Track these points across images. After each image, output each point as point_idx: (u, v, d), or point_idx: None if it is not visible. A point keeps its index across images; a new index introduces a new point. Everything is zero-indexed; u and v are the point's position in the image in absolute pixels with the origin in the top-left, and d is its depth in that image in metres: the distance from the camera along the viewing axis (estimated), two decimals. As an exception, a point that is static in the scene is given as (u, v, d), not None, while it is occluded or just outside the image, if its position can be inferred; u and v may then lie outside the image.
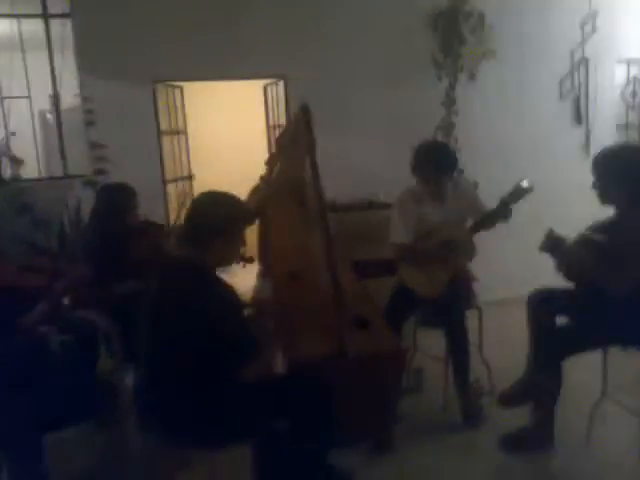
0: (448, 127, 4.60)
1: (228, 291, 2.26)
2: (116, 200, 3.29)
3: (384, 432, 2.81)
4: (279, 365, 2.60)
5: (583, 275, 2.52)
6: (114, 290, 3.10)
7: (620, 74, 5.27)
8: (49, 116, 5.63)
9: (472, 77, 4.63)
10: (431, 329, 3.34)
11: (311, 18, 4.39)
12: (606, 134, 4.97)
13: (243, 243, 2.41)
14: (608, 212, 2.60)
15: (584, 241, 2.52)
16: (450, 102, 4.59)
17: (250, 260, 2.82)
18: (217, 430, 2.19)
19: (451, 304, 3.00)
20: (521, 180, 2.92)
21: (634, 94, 5.36)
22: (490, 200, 3.05)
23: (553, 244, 2.49)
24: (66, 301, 2.99)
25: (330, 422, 2.41)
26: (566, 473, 2.63)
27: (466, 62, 4.56)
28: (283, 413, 2.40)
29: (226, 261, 2.38)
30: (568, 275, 2.62)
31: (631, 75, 5.33)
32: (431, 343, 3.36)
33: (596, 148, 2.97)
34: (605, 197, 2.56)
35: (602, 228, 2.56)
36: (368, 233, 3.98)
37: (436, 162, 3.10)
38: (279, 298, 2.86)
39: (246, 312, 2.54)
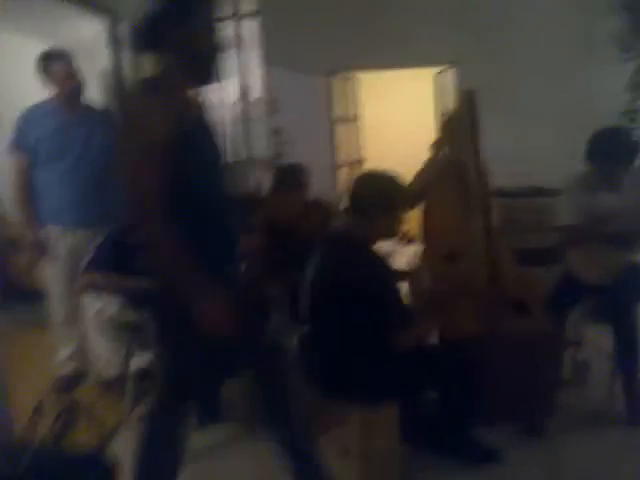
0: (633, 112, 4.30)
1: (383, 263, 2.43)
2: (285, 181, 3.58)
3: (538, 415, 2.79)
4: (432, 339, 2.72)
5: None
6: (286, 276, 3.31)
7: None
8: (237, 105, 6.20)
9: (664, 58, 4.28)
10: (600, 323, 3.23)
11: (482, 4, 4.37)
12: None
13: (400, 220, 2.56)
14: None
15: None
16: (636, 86, 4.29)
17: (411, 239, 2.94)
18: (370, 389, 2.38)
19: (620, 295, 2.87)
20: None
21: None
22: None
23: None
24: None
25: (478, 398, 2.49)
26: None
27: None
28: (434, 383, 2.53)
29: (384, 236, 2.56)
30: None
31: None
32: (601, 336, 3.22)
33: None
34: None
35: None
36: (535, 220, 3.92)
37: (611, 149, 2.97)
38: (437, 278, 2.97)
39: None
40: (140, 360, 3.02)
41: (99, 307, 3.41)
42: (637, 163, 3.22)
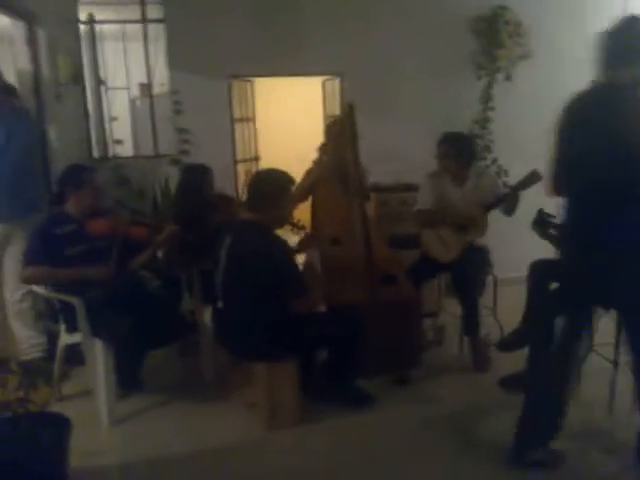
0: (484, 121, 5.16)
1: (284, 244, 2.98)
2: (194, 179, 3.92)
3: (405, 368, 3.48)
4: (322, 306, 3.32)
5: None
6: (197, 259, 3.66)
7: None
8: (138, 103, 6.46)
9: (508, 77, 5.14)
10: (452, 294, 3.97)
11: (364, 22, 4.98)
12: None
13: (290, 211, 3.14)
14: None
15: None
16: (487, 99, 5.14)
17: (302, 227, 3.49)
18: (273, 348, 2.94)
19: (464, 269, 3.61)
20: (531, 170, 3.50)
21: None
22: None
23: (541, 222, 3.07)
24: (159, 254, 3.77)
25: (358, 353, 3.12)
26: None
27: (503, 64, 5.09)
28: (324, 342, 3.13)
29: (278, 223, 3.11)
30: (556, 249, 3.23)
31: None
32: (455, 307, 3.97)
33: None
34: None
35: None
36: (405, 211, 4.62)
37: (453, 149, 3.68)
38: (324, 257, 3.56)
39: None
40: (65, 339, 3.28)
41: (19, 295, 3.68)
42: (477, 163, 3.97)
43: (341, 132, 3.75)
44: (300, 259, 3.37)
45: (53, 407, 2.61)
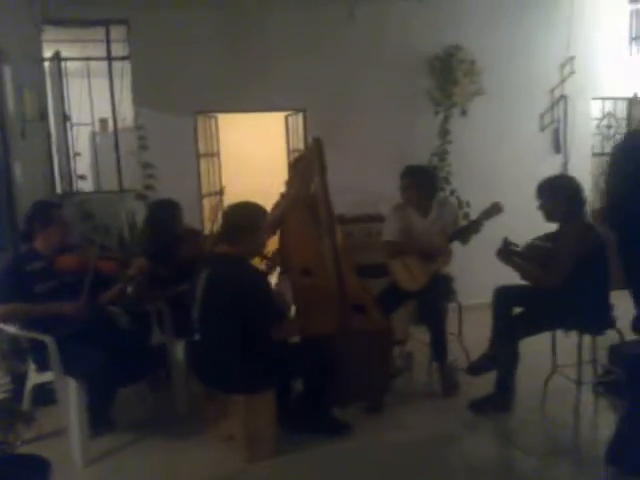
0: (442, 154, 5.37)
1: (260, 274, 3.04)
2: (164, 214, 3.93)
3: (377, 395, 3.54)
4: (296, 337, 3.36)
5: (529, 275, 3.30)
6: (166, 291, 3.68)
7: (596, 110, 6.02)
8: (98, 138, 6.46)
9: (464, 113, 5.40)
10: (420, 322, 4.09)
11: (326, 60, 5.16)
12: (582, 162, 5.73)
13: (264, 239, 3.20)
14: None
15: (531, 246, 3.29)
16: (444, 133, 5.37)
17: (269, 257, 3.54)
18: (251, 379, 2.96)
19: (431, 298, 3.73)
20: (493, 202, 3.67)
21: (609, 127, 6.11)
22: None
23: (504, 249, 3.24)
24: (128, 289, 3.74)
25: (333, 382, 3.16)
26: (521, 431, 3.30)
27: (459, 99, 5.34)
28: (298, 372, 3.17)
29: (252, 254, 3.17)
30: (521, 275, 3.39)
31: (606, 110, 6.09)
32: (422, 334, 4.07)
33: (573, 174, 3.71)
34: (549, 215, 3.32)
35: (547, 238, 3.31)
36: (370, 242, 4.73)
37: (415, 182, 3.83)
38: (295, 288, 3.62)
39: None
40: (35, 378, 3.22)
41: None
42: (440, 194, 4.13)
43: (308, 166, 3.86)
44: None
45: (23, 449, 2.56)
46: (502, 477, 2.91)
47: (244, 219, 3.07)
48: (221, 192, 5.79)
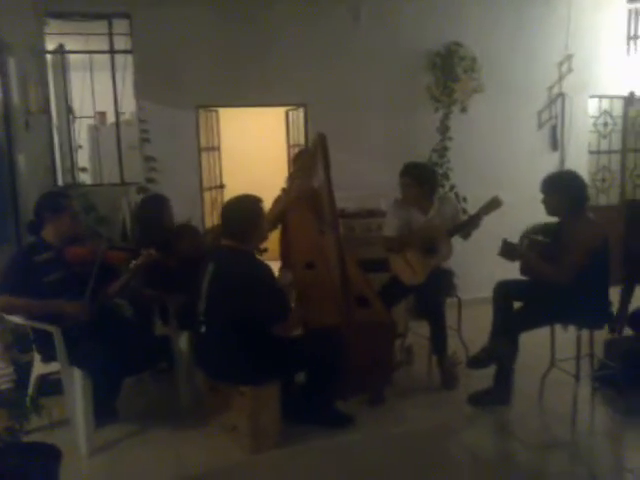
0: (442, 150, 5.41)
1: (267, 269, 3.06)
2: (151, 209, 3.96)
3: (379, 388, 3.58)
4: (300, 330, 3.39)
5: (531, 269, 3.35)
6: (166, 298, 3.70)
7: (592, 108, 6.08)
8: (96, 131, 6.45)
9: (464, 109, 5.45)
10: (419, 317, 4.13)
11: (327, 55, 5.19)
12: (579, 159, 5.79)
13: (265, 235, 3.23)
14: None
15: (532, 243, 3.34)
16: (444, 129, 5.41)
17: (265, 250, 3.54)
18: (257, 371, 2.99)
19: (431, 292, 3.77)
20: (492, 196, 3.72)
21: (605, 125, 6.18)
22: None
23: (507, 249, 3.29)
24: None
25: (337, 375, 3.20)
26: (519, 423, 3.36)
27: (459, 96, 5.38)
28: (303, 365, 3.20)
29: (259, 244, 3.20)
30: (521, 271, 3.45)
31: (602, 108, 6.15)
32: (421, 328, 4.13)
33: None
34: (552, 210, 3.36)
35: (546, 232, 3.36)
36: (370, 236, 4.78)
37: (415, 178, 3.87)
38: (298, 282, 3.66)
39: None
40: (40, 369, 3.24)
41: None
42: (439, 190, 4.17)
43: (311, 161, 3.89)
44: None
45: (28, 438, 2.58)
46: (501, 469, 2.96)
47: (243, 214, 3.09)
48: (221, 186, 5.83)
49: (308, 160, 3.96)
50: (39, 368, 3.24)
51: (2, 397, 3.20)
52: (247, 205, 3.13)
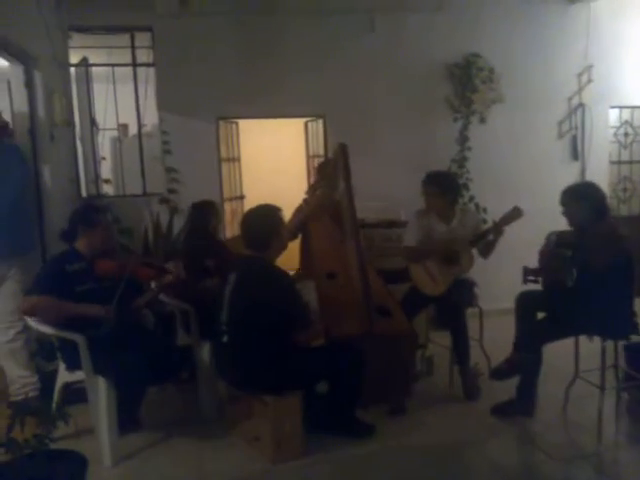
0: (461, 160, 5.42)
1: (288, 279, 3.09)
2: (205, 214, 4.03)
3: (399, 398, 3.57)
4: (321, 339, 3.39)
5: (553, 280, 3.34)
6: (201, 285, 3.75)
7: (613, 118, 6.05)
8: (118, 143, 6.55)
9: (482, 120, 5.46)
10: (441, 329, 4.11)
11: (346, 66, 5.23)
12: (600, 169, 5.76)
13: (285, 245, 3.25)
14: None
15: (555, 256, 3.33)
16: (463, 140, 5.42)
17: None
18: (279, 381, 3.00)
19: (453, 302, 3.76)
20: (513, 206, 3.71)
21: (626, 135, 6.14)
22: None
23: (529, 276, 3.30)
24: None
25: (359, 385, 3.19)
26: (543, 435, 3.31)
27: (478, 107, 5.39)
28: (325, 374, 3.20)
29: (280, 253, 3.21)
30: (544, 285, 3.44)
31: (623, 119, 6.12)
32: (441, 338, 4.11)
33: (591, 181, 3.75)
34: (574, 221, 3.35)
35: (567, 244, 3.35)
36: (390, 247, 4.77)
37: (439, 187, 3.87)
38: (320, 291, 3.66)
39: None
40: (64, 377, 3.26)
41: (12, 334, 3.65)
42: (461, 201, 4.17)
43: (333, 170, 3.92)
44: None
45: (53, 446, 2.59)
46: (525, 481, 2.93)
47: (263, 223, 3.12)
48: (242, 197, 5.87)
49: (330, 170, 3.99)
50: (64, 376, 3.27)
51: (28, 405, 3.23)
52: (267, 214, 3.16)
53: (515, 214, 3.69)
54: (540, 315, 3.50)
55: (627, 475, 2.87)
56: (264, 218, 3.14)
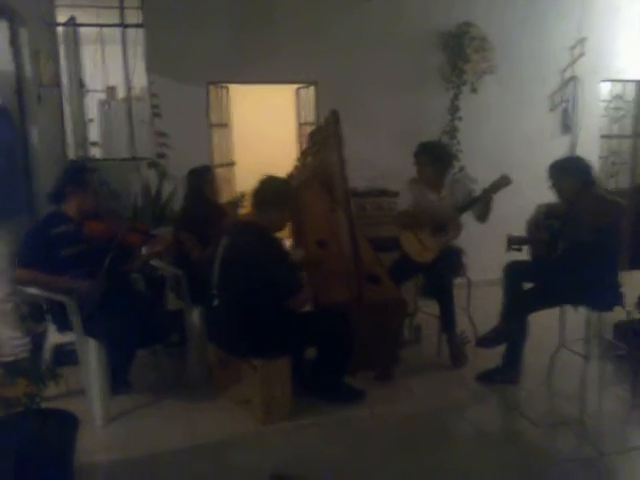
0: (452, 131, 5.40)
1: (279, 245, 3.10)
2: (202, 180, 4.00)
3: (387, 365, 3.62)
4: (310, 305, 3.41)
5: (541, 251, 3.38)
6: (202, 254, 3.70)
7: (604, 92, 6.05)
8: (106, 106, 6.44)
9: (474, 90, 5.41)
10: (429, 299, 4.15)
11: (338, 34, 5.15)
12: (590, 143, 5.77)
13: (287, 219, 3.26)
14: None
15: (544, 227, 3.36)
16: (454, 110, 5.39)
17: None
18: (269, 346, 3.03)
19: (440, 270, 3.79)
20: (501, 174, 3.72)
21: (617, 109, 6.15)
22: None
23: (514, 244, 3.33)
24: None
25: (347, 351, 3.23)
26: (528, 402, 3.39)
27: (469, 77, 5.35)
28: (315, 340, 3.23)
29: (275, 227, 3.22)
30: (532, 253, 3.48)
31: (614, 93, 6.12)
32: (430, 307, 4.16)
33: (581, 154, 3.77)
34: (562, 194, 3.38)
35: (556, 216, 3.38)
36: (380, 215, 4.79)
37: (430, 157, 3.87)
38: (310, 259, 3.67)
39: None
40: (55, 339, 3.27)
41: (2, 295, 3.64)
42: (451, 171, 4.18)
43: (324, 138, 3.90)
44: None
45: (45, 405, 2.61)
46: (509, 446, 2.99)
47: (276, 187, 3.17)
48: (232, 164, 5.83)
49: (322, 137, 3.96)
50: (54, 337, 3.27)
51: (20, 366, 3.24)
52: (282, 182, 3.27)
53: (503, 182, 3.70)
54: (527, 285, 3.55)
55: (609, 442, 2.94)
56: (279, 184, 3.22)
